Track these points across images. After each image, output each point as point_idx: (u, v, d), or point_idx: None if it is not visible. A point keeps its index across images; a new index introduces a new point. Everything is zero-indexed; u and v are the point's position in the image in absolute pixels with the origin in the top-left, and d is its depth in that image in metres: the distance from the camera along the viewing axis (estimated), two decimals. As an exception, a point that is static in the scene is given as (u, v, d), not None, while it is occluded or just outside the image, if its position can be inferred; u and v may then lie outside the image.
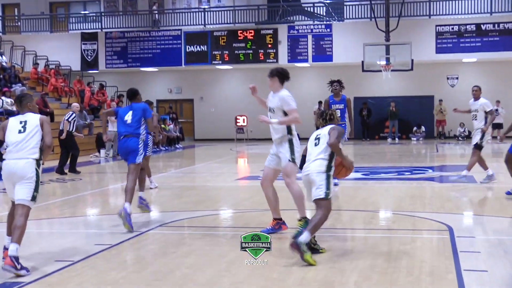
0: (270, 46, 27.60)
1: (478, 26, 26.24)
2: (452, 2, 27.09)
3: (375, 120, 29.71)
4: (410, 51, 24.25)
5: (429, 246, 7.07)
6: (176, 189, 12.82)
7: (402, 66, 24.57)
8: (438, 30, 26.52)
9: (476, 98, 12.59)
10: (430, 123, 29.40)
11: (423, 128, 28.96)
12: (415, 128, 29.05)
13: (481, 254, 6.60)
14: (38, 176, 6.36)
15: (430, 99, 29.45)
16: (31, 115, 6.56)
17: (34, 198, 6.32)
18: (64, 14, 32.27)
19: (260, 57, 27.55)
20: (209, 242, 7.40)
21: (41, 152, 6.44)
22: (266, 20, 28.77)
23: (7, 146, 6.44)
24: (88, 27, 30.52)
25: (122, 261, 6.58)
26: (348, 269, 6.04)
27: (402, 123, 29.23)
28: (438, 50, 26.56)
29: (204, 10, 29.30)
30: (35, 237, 7.78)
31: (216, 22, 28.86)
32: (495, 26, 26.12)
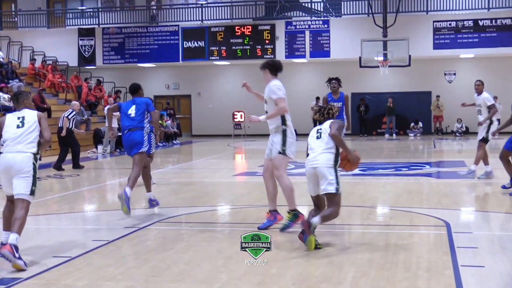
0: (267, 42, 27.56)
1: (475, 22, 26.22)
2: (449, -2, 27.12)
3: (373, 116, 29.69)
4: (408, 47, 24.28)
5: (426, 241, 7.09)
6: (173, 185, 12.82)
7: (400, 62, 24.60)
8: (436, 26, 26.51)
9: (478, 92, 12.56)
10: (427, 119, 29.40)
11: (421, 124, 28.95)
12: (413, 124, 29.05)
13: (478, 250, 6.61)
14: (36, 170, 6.43)
15: (427, 95, 29.45)
16: (28, 111, 6.66)
17: (33, 192, 6.39)
18: (61, 9, 32.20)
19: (257, 53, 27.48)
20: (206, 238, 7.40)
21: (38, 147, 6.51)
22: (264, 15, 28.74)
23: (5, 141, 6.48)
24: (85, 23, 30.44)
25: (119, 257, 6.59)
26: (345, 264, 6.05)
27: (399, 119, 29.23)
28: (436, 46, 26.55)
29: (201, 6, 29.24)
30: (33, 232, 7.78)
31: (213, 18, 28.81)
32: (493, 22, 26.11)
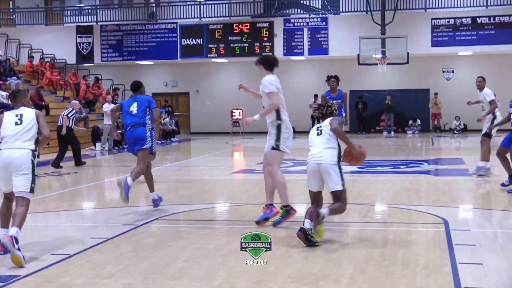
0: (265, 39, 27.54)
1: (473, 20, 26.22)
2: (448, -5, 27.13)
3: (371, 113, 29.69)
4: (406, 45, 24.28)
5: (424, 239, 7.09)
6: (172, 182, 12.81)
7: (398, 60, 24.60)
8: (434, 23, 26.50)
9: (480, 88, 12.55)
10: (425, 117, 29.38)
11: (419, 121, 28.96)
12: (411, 121, 29.05)
13: (476, 247, 6.61)
14: (34, 167, 6.45)
15: (425, 93, 29.46)
16: (26, 109, 6.73)
17: (32, 189, 6.43)
18: (59, 7, 32.16)
19: (255, 50, 27.45)
20: (205, 235, 7.40)
21: (36, 144, 6.55)
22: (262, 13, 28.72)
23: (3, 138, 6.50)
24: (83, 20, 30.42)
25: (118, 254, 6.59)
26: (344, 261, 6.06)
27: (397, 117, 29.24)
28: (434, 43, 26.55)
29: (199, 3, 29.21)
30: (31, 230, 7.77)
31: (211, 15, 28.79)
32: (491, 19, 26.11)
